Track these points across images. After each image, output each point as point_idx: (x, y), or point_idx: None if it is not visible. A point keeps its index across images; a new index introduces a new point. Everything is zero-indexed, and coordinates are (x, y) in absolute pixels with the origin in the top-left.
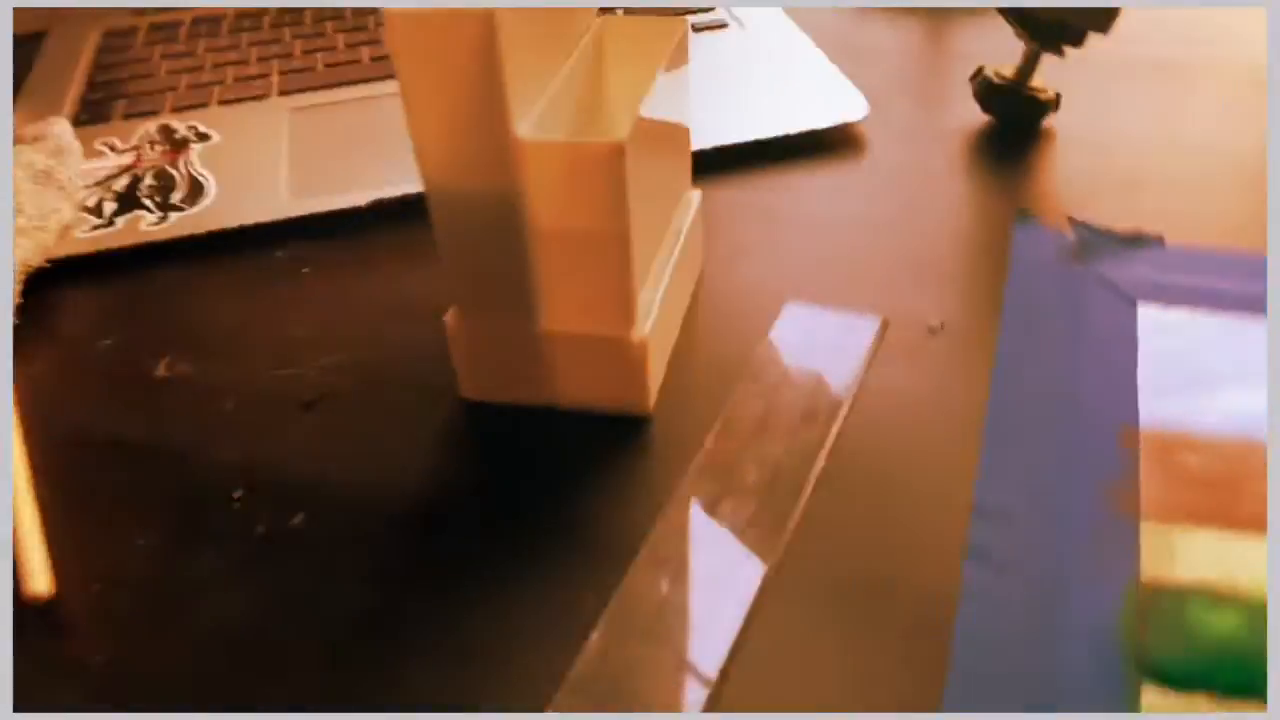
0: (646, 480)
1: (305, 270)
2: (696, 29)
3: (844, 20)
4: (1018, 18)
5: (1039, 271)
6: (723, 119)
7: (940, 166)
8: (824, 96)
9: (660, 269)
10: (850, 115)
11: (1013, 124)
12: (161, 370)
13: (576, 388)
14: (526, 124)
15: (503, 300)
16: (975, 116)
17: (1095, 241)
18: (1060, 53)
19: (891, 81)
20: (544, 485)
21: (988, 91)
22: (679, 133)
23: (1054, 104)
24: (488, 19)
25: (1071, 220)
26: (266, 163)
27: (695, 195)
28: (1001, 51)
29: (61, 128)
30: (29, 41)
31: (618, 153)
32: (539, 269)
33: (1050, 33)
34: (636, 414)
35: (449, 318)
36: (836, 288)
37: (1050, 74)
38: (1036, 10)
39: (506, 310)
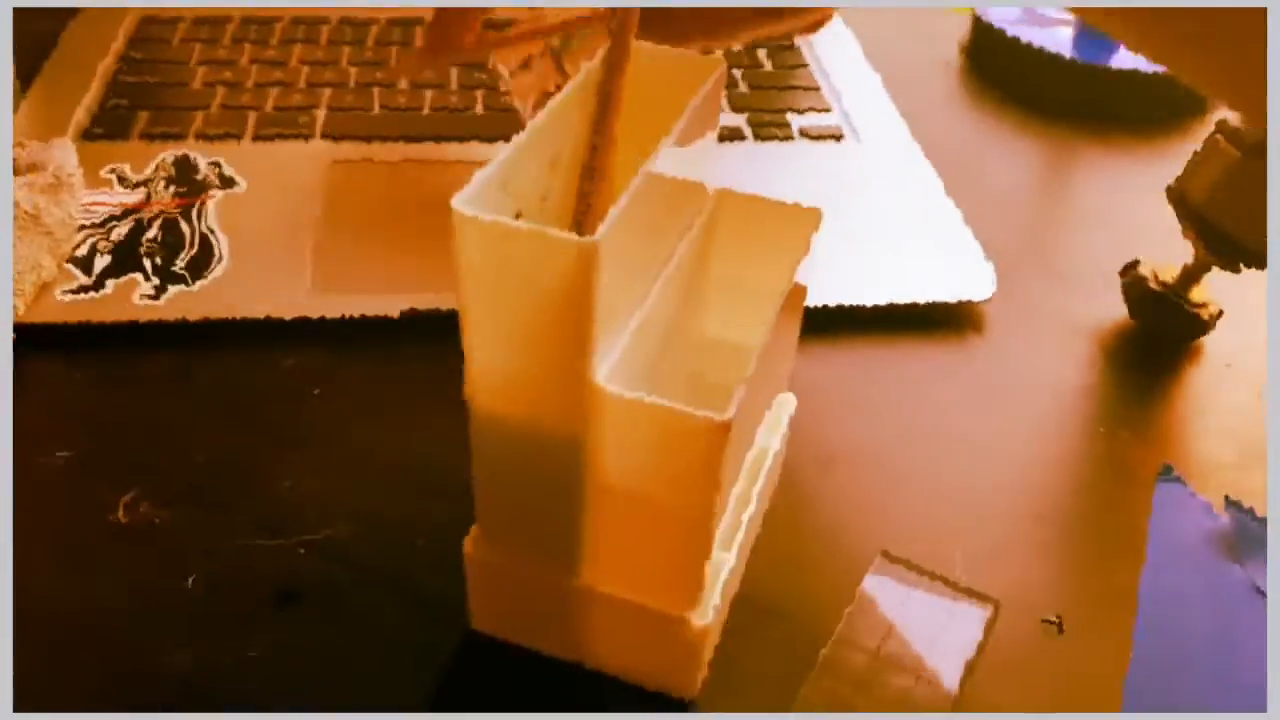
0: None
1: (315, 392)
2: (808, 136)
3: (957, 130)
4: (1196, 223)
5: (1183, 562)
6: (826, 270)
7: (1070, 375)
8: (946, 260)
9: (735, 522)
10: (975, 292)
11: (1161, 336)
12: (120, 513)
13: (610, 654)
14: (608, 365)
15: (539, 544)
16: (1113, 309)
17: (1254, 535)
18: (1236, 270)
19: (1011, 233)
20: None
21: (1140, 296)
22: (787, 345)
23: (1213, 323)
24: (589, 253)
25: (1228, 500)
26: (292, 234)
27: (789, 404)
28: (1132, 213)
29: (64, 154)
30: (56, 15)
31: (719, 432)
32: (591, 522)
33: (1232, 250)
34: (679, 697)
35: (470, 545)
36: (936, 536)
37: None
38: (1223, 223)
39: (541, 555)
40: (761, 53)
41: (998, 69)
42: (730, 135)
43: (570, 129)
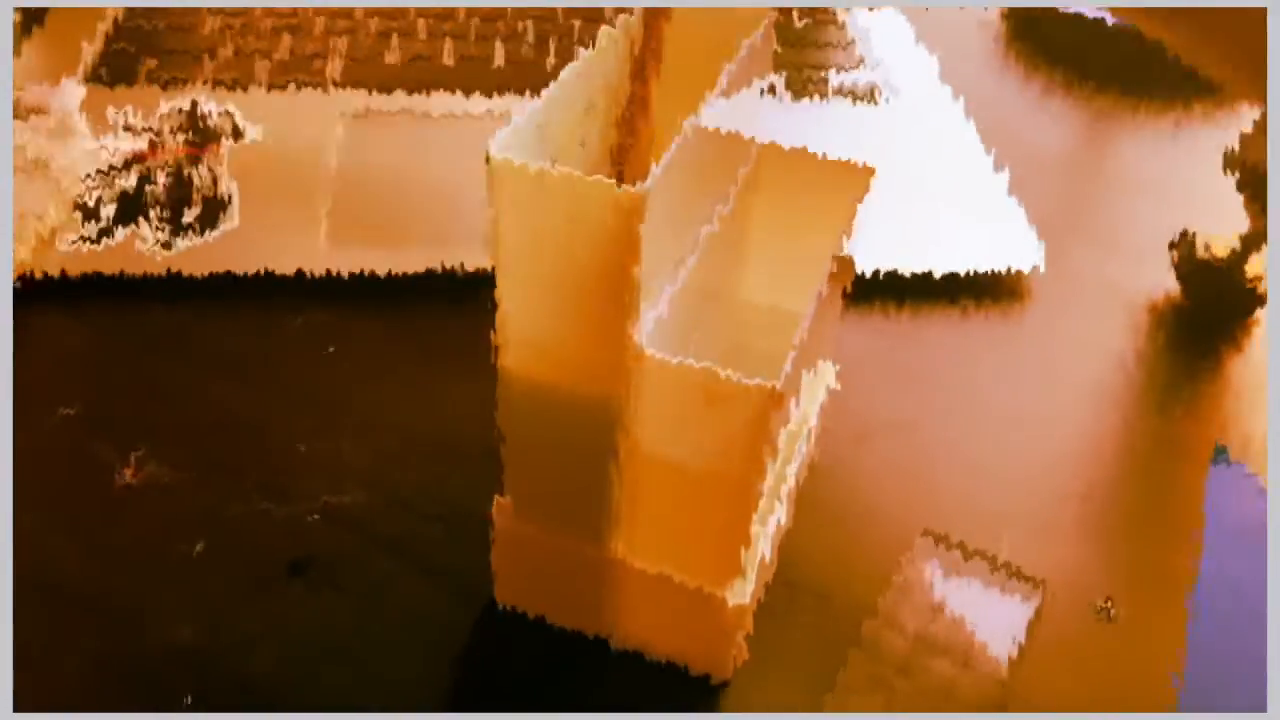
0: None
1: (330, 350)
2: (844, 94)
3: (997, 93)
4: (1257, 191)
5: (1239, 547)
6: (865, 235)
7: (1118, 349)
8: (990, 228)
9: (774, 496)
10: (1020, 261)
11: (1213, 310)
12: (126, 474)
13: (640, 630)
14: (647, 327)
15: (569, 514)
16: (1162, 281)
17: None
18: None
19: (1056, 201)
20: None
21: (1192, 269)
22: (832, 311)
23: (1268, 297)
24: (633, 204)
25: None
26: (306, 187)
27: (829, 373)
28: (1179, 183)
29: (69, 97)
30: None
31: (769, 400)
32: (625, 492)
33: None
34: (711, 677)
35: (497, 512)
36: (979, 515)
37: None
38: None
39: (571, 526)
40: (795, 8)
41: (1039, 31)
42: (764, 91)
43: (606, 76)
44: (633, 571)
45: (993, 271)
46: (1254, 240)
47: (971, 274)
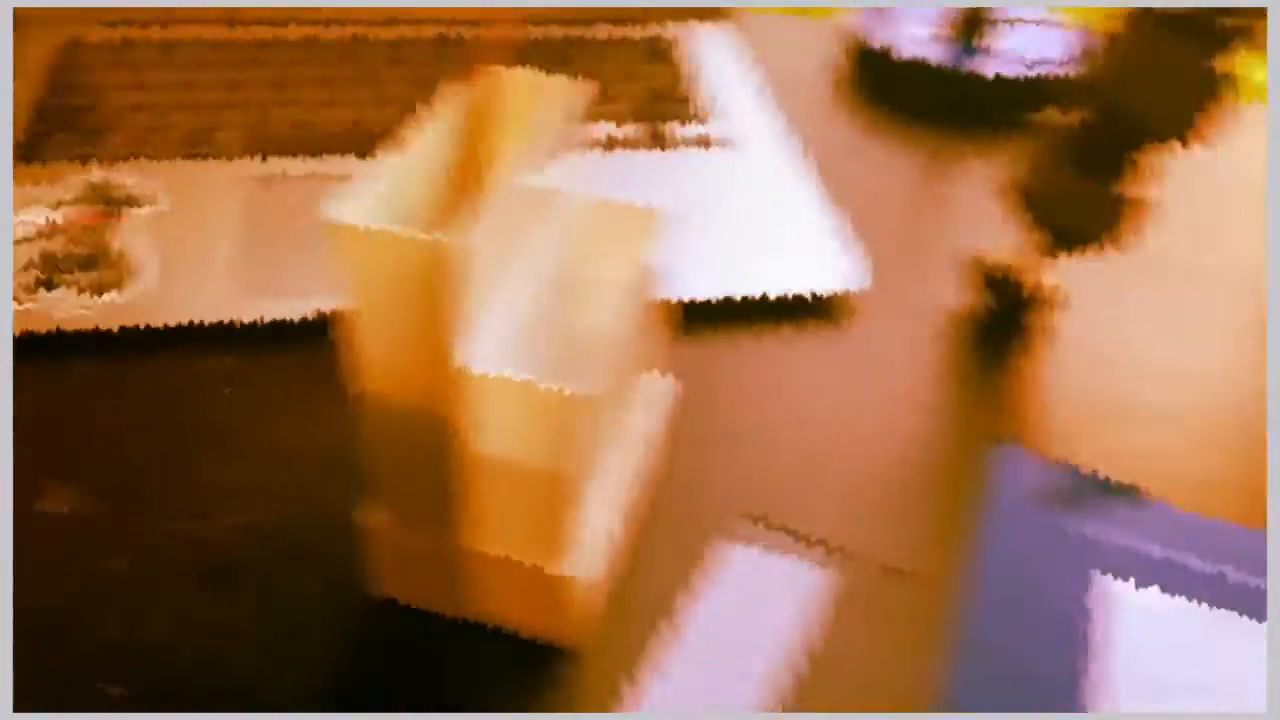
0: None
1: (227, 391)
2: (688, 143)
3: (833, 135)
4: (1024, 206)
5: (1014, 516)
6: (710, 268)
7: (928, 356)
8: (820, 256)
9: (607, 486)
10: (845, 284)
11: (1006, 318)
12: (44, 503)
13: (498, 609)
14: (480, 351)
15: (426, 513)
16: (961, 294)
17: (1077, 489)
18: (1067, 255)
19: (881, 230)
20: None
21: (985, 283)
22: (646, 329)
23: (1053, 304)
24: (446, 251)
25: (1055, 459)
26: (212, 245)
27: (667, 389)
28: (990, 207)
29: None
30: None
31: (580, 404)
32: (471, 489)
33: (1058, 238)
34: (559, 645)
35: (362, 516)
36: (801, 502)
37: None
38: (1038, 199)
39: (429, 523)
40: (640, 61)
41: (872, 76)
42: (611, 144)
43: (443, 145)
44: (484, 557)
45: (820, 294)
46: (1030, 254)
47: (802, 296)
